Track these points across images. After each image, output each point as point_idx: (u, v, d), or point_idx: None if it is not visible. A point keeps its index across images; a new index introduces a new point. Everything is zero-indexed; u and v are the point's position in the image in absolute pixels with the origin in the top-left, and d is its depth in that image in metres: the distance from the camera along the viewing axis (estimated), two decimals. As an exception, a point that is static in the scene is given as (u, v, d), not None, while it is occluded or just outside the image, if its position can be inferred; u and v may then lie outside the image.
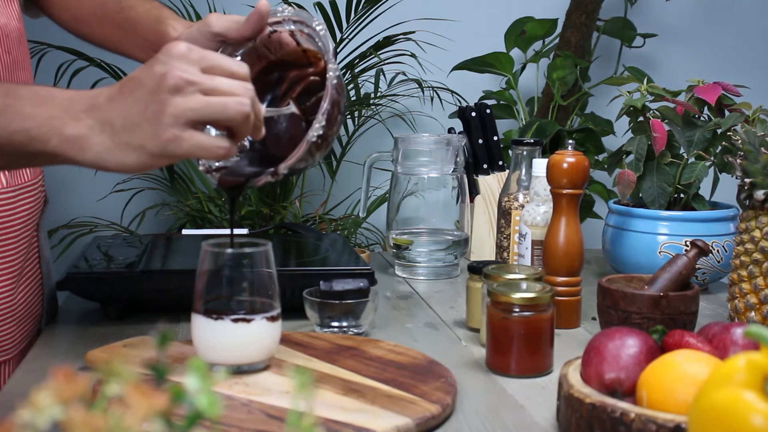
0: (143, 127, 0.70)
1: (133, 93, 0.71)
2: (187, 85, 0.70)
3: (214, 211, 2.19)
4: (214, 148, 0.72)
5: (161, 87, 0.70)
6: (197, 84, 0.71)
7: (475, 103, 1.53)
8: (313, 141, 0.80)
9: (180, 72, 0.70)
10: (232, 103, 0.72)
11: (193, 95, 0.70)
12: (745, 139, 0.98)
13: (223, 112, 0.71)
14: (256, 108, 0.74)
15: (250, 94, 0.73)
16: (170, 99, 0.70)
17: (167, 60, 0.71)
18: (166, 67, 0.71)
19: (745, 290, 0.99)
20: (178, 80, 0.70)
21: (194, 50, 0.72)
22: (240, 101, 0.72)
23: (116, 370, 0.36)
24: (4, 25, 0.98)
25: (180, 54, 0.71)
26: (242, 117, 0.72)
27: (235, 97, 0.72)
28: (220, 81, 0.72)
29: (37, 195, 1.07)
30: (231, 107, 0.71)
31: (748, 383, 0.51)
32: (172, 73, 0.70)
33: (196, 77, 0.71)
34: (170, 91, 0.70)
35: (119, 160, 0.72)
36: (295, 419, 0.38)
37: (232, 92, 0.72)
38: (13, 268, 1.02)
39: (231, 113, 0.72)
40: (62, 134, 0.71)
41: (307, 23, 0.85)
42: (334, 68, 0.81)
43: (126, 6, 1.03)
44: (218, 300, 0.82)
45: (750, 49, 2.59)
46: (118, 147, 0.71)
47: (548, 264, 1.08)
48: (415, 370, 0.85)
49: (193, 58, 0.72)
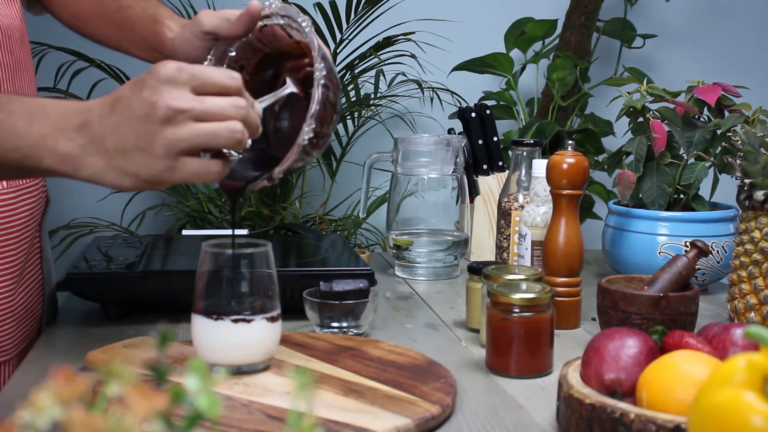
0: (136, 156, 0.70)
1: (123, 116, 0.70)
2: (177, 114, 0.69)
3: (214, 211, 2.19)
4: (207, 173, 0.72)
5: (151, 116, 0.69)
6: (187, 111, 0.69)
7: (474, 103, 1.53)
8: (305, 144, 0.79)
9: (170, 100, 0.69)
10: (222, 129, 0.70)
11: (185, 124, 0.69)
12: (744, 139, 0.98)
13: (215, 140, 0.71)
14: (250, 120, 0.73)
15: (242, 111, 0.72)
16: (161, 130, 0.69)
17: (156, 84, 0.69)
18: (156, 94, 0.69)
19: (744, 291, 0.99)
20: (167, 110, 0.69)
21: (184, 70, 0.70)
22: (230, 127, 0.71)
23: (116, 371, 0.36)
24: (7, 26, 0.98)
25: (169, 77, 0.70)
26: (233, 142, 0.71)
27: (226, 123, 0.71)
28: (210, 104, 0.70)
29: (38, 196, 1.07)
30: (222, 134, 0.71)
31: (748, 384, 0.51)
32: (161, 102, 0.69)
33: (186, 104, 0.69)
34: (161, 121, 0.69)
35: (115, 182, 0.71)
36: (295, 420, 0.38)
37: (224, 115, 0.71)
38: (13, 269, 1.02)
39: (222, 140, 0.71)
40: (56, 153, 0.71)
41: (293, 18, 0.85)
42: (320, 67, 0.80)
43: (124, 5, 1.03)
44: (218, 300, 0.82)
45: (749, 49, 2.59)
46: (112, 170, 0.71)
47: (548, 264, 1.08)
48: (415, 371, 0.85)
49: (183, 79, 0.70)
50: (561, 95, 2.23)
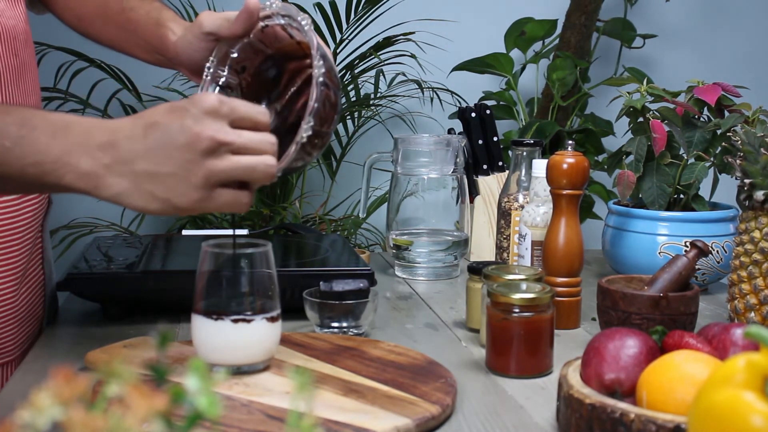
0: (170, 181, 0.71)
1: (160, 142, 0.71)
2: (220, 146, 0.71)
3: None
4: (239, 204, 0.74)
5: (194, 146, 0.70)
6: (229, 144, 0.71)
7: (474, 103, 1.53)
8: (304, 142, 0.79)
9: (213, 132, 0.70)
10: (260, 164, 0.73)
11: (225, 156, 0.71)
12: (744, 139, 0.98)
13: (252, 175, 0.73)
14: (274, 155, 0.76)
15: (274, 147, 0.74)
16: (203, 161, 0.70)
17: (199, 115, 0.71)
18: (200, 125, 0.70)
19: (744, 291, 0.99)
20: (211, 142, 0.70)
21: (225, 104, 0.72)
22: (267, 163, 0.73)
23: (116, 371, 0.36)
24: (12, 27, 0.98)
25: (212, 109, 0.71)
26: (267, 177, 0.74)
27: (263, 158, 0.73)
28: (248, 138, 0.72)
29: (41, 198, 1.07)
30: (259, 168, 0.73)
31: (748, 384, 0.51)
32: (205, 134, 0.70)
33: (227, 137, 0.71)
34: (204, 153, 0.70)
35: (140, 205, 0.72)
36: (295, 420, 0.38)
37: (260, 149, 0.73)
38: (16, 270, 1.02)
39: (258, 175, 0.73)
40: (77, 171, 0.71)
41: (293, 17, 0.85)
42: (319, 65, 0.80)
43: (127, 7, 1.03)
44: (218, 300, 0.82)
45: (749, 49, 2.59)
46: (139, 192, 0.71)
47: (548, 264, 1.08)
48: (415, 371, 0.85)
49: (224, 112, 0.72)
50: (561, 95, 2.23)
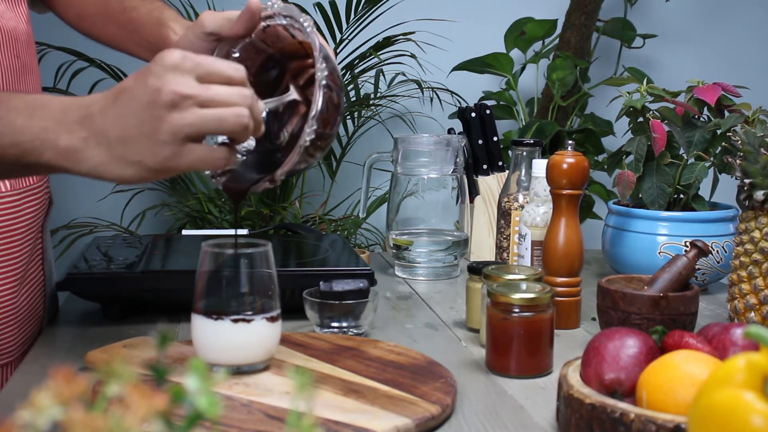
0: (140, 143, 0.69)
1: (127, 105, 0.70)
2: (182, 99, 0.69)
3: (214, 211, 2.19)
4: (213, 159, 0.72)
5: (156, 102, 0.68)
6: (193, 97, 0.69)
7: (474, 103, 1.53)
8: (307, 145, 0.79)
9: (174, 86, 0.68)
10: (230, 115, 0.70)
11: (190, 109, 0.69)
12: (744, 139, 0.98)
13: (221, 125, 0.70)
14: (254, 112, 0.73)
15: (248, 101, 0.72)
16: (167, 115, 0.69)
17: (161, 72, 0.69)
18: (161, 80, 0.69)
19: (744, 291, 0.99)
20: (173, 95, 0.68)
21: (188, 58, 0.70)
22: (237, 112, 0.71)
23: (116, 371, 0.36)
24: (13, 29, 0.98)
25: (174, 64, 0.69)
26: (241, 128, 0.71)
27: (233, 108, 0.71)
28: (216, 91, 0.70)
29: (42, 197, 1.07)
30: (229, 120, 0.70)
31: (748, 384, 0.51)
32: (167, 88, 0.68)
33: (191, 90, 0.69)
34: (166, 106, 0.68)
35: (117, 174, 0.71)
36: (295, 420, 0.38)
37: (229, 102, 0.71)
38: (16, 271, 1.02)
39: (229, 125, 0.71)
40: (56, 147, 0.70)
41: (295, 18, 0.85)
42: (322, 68, 0.80)
43: (129, 7, 1.03)
44: (218, 300, 0.82)
45: (749, 49, 2.59)
46: (114, 160, 0.70)
47: (548, 264, 1.08)
48: (415, 371, 0.85)
49: (188, 67, 0.70)
50: (561, 95, 2.23)
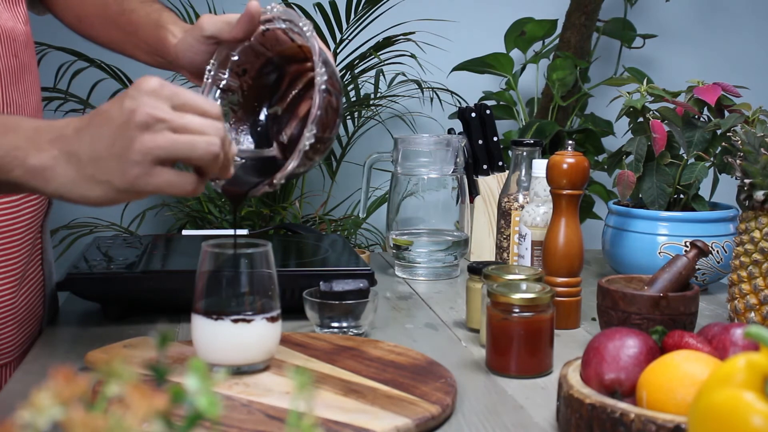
0: (110, 162, 0.69)
1: (101, 126, 0.70)
2: (156, 122, 0.69)
3: (214, 211, 2.19)
4: (182, 184, 0.72)
5: (129, 123, 0.69)
6: (166, 121, 0.69)
7: (474, 103, 1.53)
8: (306, 149, 0.79)
9: (149, 108, 0.69)
10: (201, 142, 0.71)
11: (162, 132, 0.69)
12: (744, 139, 0.98)
13: (192, 152, 0.70)
14: (225, 147, 0.74)
15: (220, 133, 0.72)
16: (138, 136, 0.69)
17: (137, 95, 0.70)
18: (136, 102, 0.69)
19: (744, 291, 0.99)
20: (147, 117, 0.69)
21: (166, 87, 0.71)
22: (209, 141, 0.71)
23: (116, 371, 0.36)
24: (11, 29, 0.98)
25: (151, 90, 0.70)
26: (211, 157, 0.71)
27: (204, 137, 0.71)
28: (190, 119, 0.71)
29: (41, 198, 1.07)
30: (199, 147, 0.71)
31: (748, 384, 0.51)
32: (141, 110, 0.69)
33: (165, 114, 0.70)
34: (139, 127, 0.69)
35: (82, 193, 0.71)
36: (295, 420, 0.38)
37: (202, 131, 0.71)
38: (15, 271, 1.01)
39: (199, 153, 0.71)
40: (25, 165, 0.70)
41: (294, 22, 0.85)
42: (321, 72, 0.80)
43: (127, 9, 1.03)
44: (218, 300, 0.82)
45: (749, 49, 2.59)
46: (82, 179, 0.70)
47: (548, 264, 1.08)
48: (415, 371, 0.85)
49: (165, 94, 0.70)
50: (561, 95, 2.23)
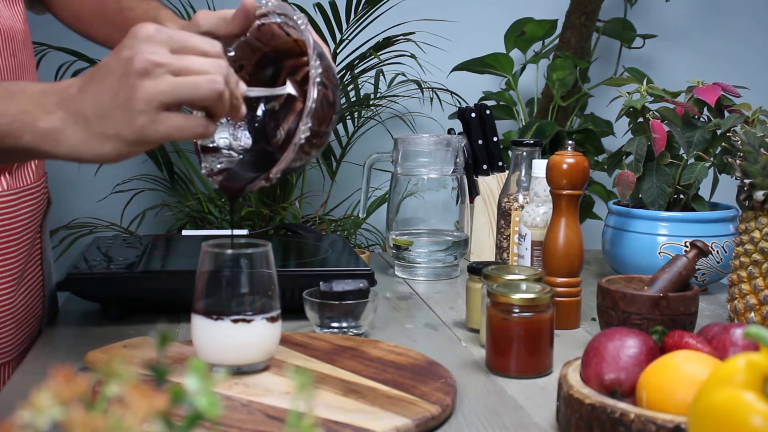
0: (116, 114, 0.69)
1: (102, 80, 0.70)
2: (155, 67, 0.68)
3: (214, 211, 2.19)
4: (191, 127, 0.71)
5: (129, 72, 0.68)
6: (166, 65, 0.69)
7: (474, 103, 1.53)
8: (302, 143, 0.79)
9: (147, 54, 0.68)
10: (203, 81, 0.70)
11: (163, 77, 0.69)
12: (744, 139, 0.98)
13: (196, 92, 0.70)
14: (231, 85, 0.73)
15: (223, 70, 0.71)
16: (140, 83, 0.68)
17: (134, 44, 0.69)
18: (133, 51, 0.69)
19: (744, 291, 0.99)
20: (145, 63, 0.68)
21: (162, 31, 0.70)
22: (212, 79, 0.70)
23: (116, 371, 0.36)
24: (10, 28, 0.98)
25: (147, 36, 0.70)
26: (216, 95, 0.71)
27: (207, 76, 0.70)
28: (190, 60, 0.70)
29: (39, 197, 1.07)
30: (203, 86, 0.70)
31: (748, 384, 0.51)
32: (139, 57, 0.68)
33: (164, 58, 0.69)
34: (139, 75, 0.68)
35: (95, 151, 0.70)
36: (295, 420, 0.38)
37: (204, 71, 0.70)
38: (13, 271, 1.01)
39: (203, 92, 0.70)
40: (35, 128, 0.70)
41: (289, 16, 0.85)
42: (316, 65, 0.80)
43: (125, 7, 1.03)
44: (218, 300, 0.82)
45: (749, 49, 2.59)
46: (92, 137, 0.70)
47: (548, 265, 1.08)
48: (415, 371, 0.85)
49: (161, 39, 0.70)
50: (561, 95, 2.23)
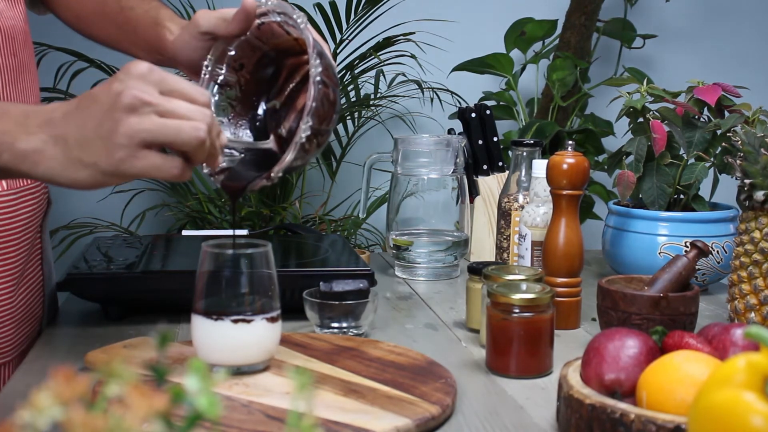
0: (96, 144, 0.70)
1: (89, 109, 0.71)
2: (142, 105, 0.69)
3: (214, 212, 2.19)
4: (168, 168, 0.72)
5: (116, 105, 0.69)
6: (153, 105, 0.70)
7: (474, 104, 1.53)
8: (303, 142, 0.79)
9: (136, 92, 0.69)
10: (187, 126, 0.71)
11: (148, 116, 0.70)
12: (744, 140, 0.98)
13: (178, 135, 0.71)
14: (212, 135, 0.74)
15: (207, 120, 0.72)
16: (125, 118, 0.69)
17: (126, 78, 0.70)
18: (123, 85, 0.70)
19: (744, 291, 0.99)
20: (133, 99, 0.69)
21: (155, 72, 0.71)
22: (195, 126, 0.71)
23: (116, 371, 0.36)
24: (11, 27, 0.98)
25: (139, 74, 0.71)
26: (197, 141, 0.71)
27: (191, 122, 0.71)
28: (177, 104, 0.71)
29: (39, 197, 1.07)
30: (186, 131, 0.71)
31: (748, 384, 0.51)
32: (128, 92, 0.69)
33: (152, 98, 0.70)
34: (125, 110, 0.69)
35: (70, 176, 0.71)
36: (295, 420, 0.38)
37: (189, 116, 0.71)
38: (13, 271, 1.01)
39: (185, 137, 0.71)
40: (14, 149, 0.70)
41: (288, 15, 0.85)
42: (316, 64, 0.80)
43: (126, 7, 1.03)
44: (218, 300, 0.82)
45: (749, 49, 2.59)
46: (70, 162, 0.70)
47: (548, 265, 1.08)
48: (415, 371, 0.85)
49: (153, 79, 0.71)
50: (561, 95, 2.23)
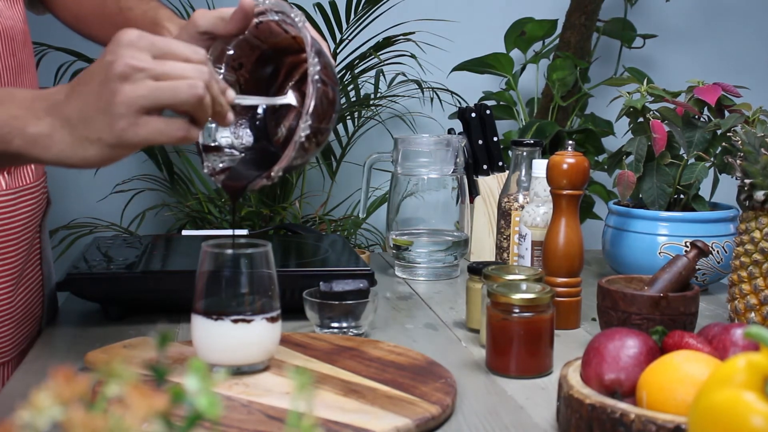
0: (97, 119, 0.70)
1: (86, 85, 0.71)
2: (134, 71, 0.69)
3: (214, 211, 2.19)
4: (172, 131, 0.71)
5: (110, 76, 0.69)
6: (146, 70, 0.69)
7: (474, 103, 1.53)
8: (302, 141, 0.79)
9: (128, 59, 0.69)
10: (183, 86, 0.70)
11: (143, 81, 0.69)
12: (744, 139, 0.98)
13: (175, 96, 0.70)
14: (213, 91, 0.73)
15: (204, 76, 0.72)
16: (120, 87, 0.69)
17: (116, 49, 0.70)
18: (115, 55, 0.69)
19: (745, 291, 0.99)
20: (125, 67, 0.69)
21: (145, 37, 0.71)
22: (192, 84, 0.70)
23: (116, 371, 0.36)
24: (10, 27, 0.98)
25: (129, 41, 0.70)
26: (195, 99, 0.71)
27: (187, 80, 0.70)
28: (171, 65, 0.71)
29: (38, 197, 1.07)
30: (182, 90, 0.70)
31: (748, 384, 0.51)
32: (120, 61, 0.69)
33: (144, 63, 0.69)
34: (119, 79, 0.69)
35: (80, 155, 0.71)
36: (295, 420, 0.38)
37: (184, 76, 0.71)
38: (12, 271, 1.01)
39: (183, 96, 0.70)
40: (25, 134, 0.71)
41: (287, 13, 0.85)
42: (314, 63, 0.80)
43: (125, 7, 1.03)
44: (218, 300, 0.82)
45: (750, 49, 2.59)
46: (77, 142, 0.70)
47: (548, 265, 1.08)
48: (415, 371, 0.85)
49: (143, 44, 0.70)
50: (561, 95, 2.23)
